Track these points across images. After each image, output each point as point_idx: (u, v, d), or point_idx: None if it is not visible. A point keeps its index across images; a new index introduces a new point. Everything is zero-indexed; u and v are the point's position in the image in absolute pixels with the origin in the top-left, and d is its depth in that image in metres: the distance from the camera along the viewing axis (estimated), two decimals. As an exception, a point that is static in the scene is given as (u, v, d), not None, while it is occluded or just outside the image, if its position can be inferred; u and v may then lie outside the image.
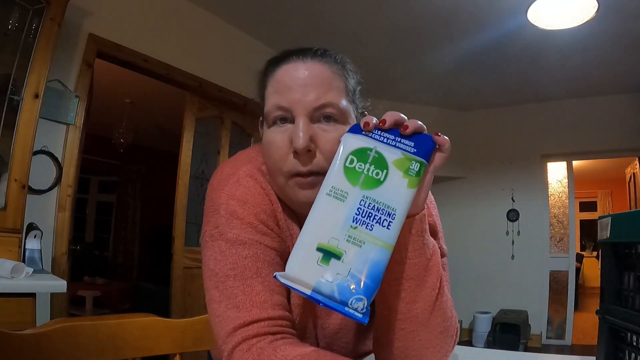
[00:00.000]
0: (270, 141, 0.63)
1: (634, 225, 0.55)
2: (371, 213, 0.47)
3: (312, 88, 0.62)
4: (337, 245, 0.46)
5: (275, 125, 0.63)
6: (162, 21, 2.74)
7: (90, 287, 4.46)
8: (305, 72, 0.63)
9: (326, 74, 0.64)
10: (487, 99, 4.64)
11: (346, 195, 0.48)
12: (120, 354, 0.61)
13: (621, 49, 3.29)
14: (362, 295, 0.45)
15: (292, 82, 0.62)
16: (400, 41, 3.41)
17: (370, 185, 0.48)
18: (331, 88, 0.63)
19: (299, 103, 0.61)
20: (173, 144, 3.25)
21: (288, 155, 0.61)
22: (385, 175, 0.49)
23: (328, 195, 0.48)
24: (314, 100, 0.61)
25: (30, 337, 0.54)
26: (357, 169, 0.49)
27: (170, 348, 0.67)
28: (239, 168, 0.67)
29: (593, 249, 8.34)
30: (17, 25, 1.80)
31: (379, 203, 0.48)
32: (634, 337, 0.54)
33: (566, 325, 4.40)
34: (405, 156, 0.50)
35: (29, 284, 1.48)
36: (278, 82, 0.63)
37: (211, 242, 0.62)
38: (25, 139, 1.76)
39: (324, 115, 0.62)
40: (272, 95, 0.63)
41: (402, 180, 0.49)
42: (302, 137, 0.59)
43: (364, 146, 0.50)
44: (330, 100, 0.62)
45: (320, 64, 0.65)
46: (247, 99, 3.14)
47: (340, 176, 0.49)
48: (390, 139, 0.51)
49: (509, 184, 4.70)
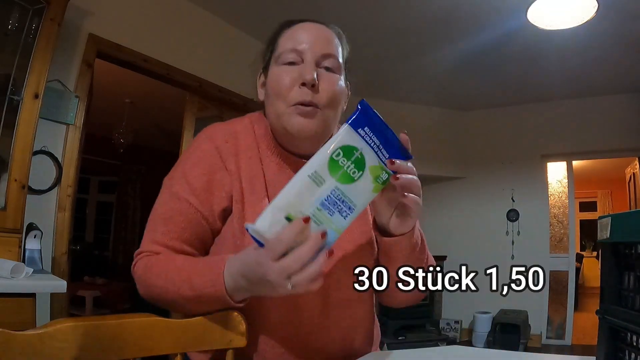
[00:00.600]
0: (280, 74, 0.75)
1: (634, 225, 0.55)
2: (336, 203, 0.56)
3: (321, 40, 0.77)
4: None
5: (285, 65, 0.76)
6: (162, 21, 2.74)
7: (90, 287, 4.47)
8: (317, 29, 0.79)
9: (332, 36, 0.79)
10: (487, 99, 4.64)
11: (323, 182, 0.56)
12: (121, 354, 0.61)
13: (621, 49, 3.29)
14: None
15: (307, 33, 0.77)
16: (400, 41, 3.41)
17: (345, 180, 0.57)
18: (334, 46, 0.78)
19: (311, 49, 0.75)
20: (173, 144, 3.25)
21: (294, 87, 0.74)
22: (360, 176, 0.57)
23: (309, 177, 0.55)
24: (322, 49, 0.76)
25: (33, 337, 0.54)
26: (340, 163, 0.56)
27: (171, 348, 0.67)
28: (209, 129, 0.82)
29: (593, 249, 8.34)
30: (17, 25, 1.80)
31: (346, 197, 0.57)
32: (634, 337, 0.54)
33: (566, 325, 4.40)
34: (380, 165, 0.59)
35: (29, 284, 1.47)
36: (294, 32, 0.78)
37: (164, 188, 0.79)
38: (25, 139, 1.75)
39: (326, 66, 0.76)
40: (288, 40, 0.77)
41: (370, 185, 0.58)
42: (310, 72, 0.73)
43: (353, 145, 0.57)
44: (334, 52, 0.77)
45: (328, 28, 0.80)
46: (247, 99, 3.13)
47: (324, 164, 0.56)
48: (375, 145, 0.58)
49: (509, 184, 4.70)
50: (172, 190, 0.76)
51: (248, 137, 0.80)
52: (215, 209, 0.76)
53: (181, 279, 0.67)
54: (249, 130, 0.81)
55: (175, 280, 0.67)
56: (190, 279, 0.66)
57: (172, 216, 0.75)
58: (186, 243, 0.75)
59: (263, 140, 0.81)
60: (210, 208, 0.75)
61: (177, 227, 0.74)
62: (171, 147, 3.72)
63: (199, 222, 0.75)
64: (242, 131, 0.81)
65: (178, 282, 0.67)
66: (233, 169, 0.76)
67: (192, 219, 0.74)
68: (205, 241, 0.78)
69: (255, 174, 0.77)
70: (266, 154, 0.80)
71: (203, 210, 0.75)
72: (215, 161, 0.77)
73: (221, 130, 0.81)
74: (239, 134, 0.80)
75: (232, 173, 0.76)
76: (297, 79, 0.73)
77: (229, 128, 0.81)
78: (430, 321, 4.41)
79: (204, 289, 0.64)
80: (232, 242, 0.75)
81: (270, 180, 0.78)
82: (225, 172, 0.76)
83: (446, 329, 4.74)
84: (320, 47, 0.76)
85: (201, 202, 0.75)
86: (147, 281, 0.72)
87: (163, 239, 0.74)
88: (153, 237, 0.75)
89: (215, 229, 0.77)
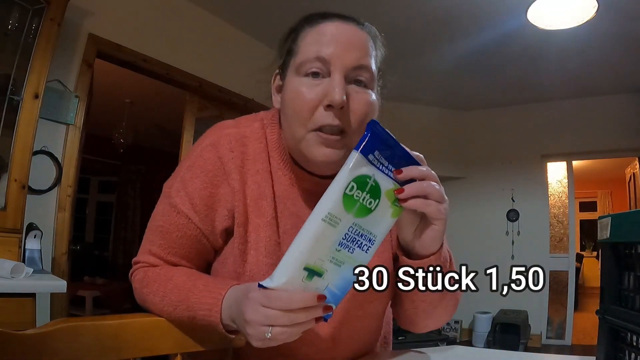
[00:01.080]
0: (299, 91, 0.63)
1: (634, 225, 0.55)
2: (355, 238, 0.51)
3: (354, 48, 0.63)
4: (322, 265, 0.50)
5: (308, 77, 0.63)
6: (162, 21, 2.74)
7: (90, 287, 4.46)
8: (349, 31, 0.64)
9: (365, 39, 0.66)
10: (487, 99, 4.64)
11: (339, 222, 0.50)
12: (121, 354, 0.61)
13: (621, 49, 3.29)
14: (332, 304, 0.52)
15: (336, 37, 0.63)
16: (400, 41, 3.40)
17: (362, 213, 0.51)
18: (368, 54, 0.65)
19: (340, 58, 0.61)
20: (173, 144, 3.25)
21: (317, 109, 0.62)
22: (377, 205, 0.52)
23: (323, 221, 0.49)
24: (354, 60, 0.62)
25: (33, 337, 0.54)
26: (355, 197, 0.51)
27: (172, 348, 0.67)
28: (215, 133, 0.71)
29: (593, 249, 8.33)
30: (17, 25, 1.80)
31: (364, 230, 0.52)
32: (634, 337, 0.54)
33: (566, 325, 4.40)
34: (396, 186, 0.53)
35: (29, 284, 1.47)
36: (321, 34, 0.64)
37: (163, 197, 0.72)
38: (25, 139, 1.76)
39: (357, 79, 0.63)
40: (312, 45, 0.63)
41: (388, 210, 0.53)
42: (339, 91, 0.59)
43: (366, 173, 0.51)
44: (368, 64, 0.64)
45: (360, 29, 0.66)
46: (247, 99, 3.13)
47: (338, 203, 0.50)
48: (386, 168, 0.53)
49: (509, 184, 4.70)
50: (171, 201, 0.70)
51: (258, 143, 0.71)
52: (217, 227, 0.69)
53: (178, 298, 0.64)
54: (259, 135, 0.71)
55: (173, 300, 0.65)
56: (188, 298, 0.63)
57: (170, 230, 0.69)
58: (184, 259, 0.71)
59: (275, 148, 0.71)
60: (212, 225, 0.69)
61: (174, 243, 0.70)
62: (171, 147, 3.72)
63: (198, 239, 0.70)
64: (252, 136, 0.71)
65: (175, 302, 0.64)
66: (237, 187, 0.68)
67: (191, 235, 0.69)
68: (205, 256, 0.73)
69: (263, 191, 0.69)
70: (278, 165, 0.71)
71: (204, 228, 0.69)
72: (217, 173, 0.68)
73: (227, 135, 0.70)
74: (248, 140, 0.70)
75: (236, 191, 0.68)
76: (321, 98, 0.61)
77: (236, 132, 0.71)
78: (430, 321, 4.41)
79: (199, 310, 0.61)
80: (233, 269, 0.69)
81: (280, 197, 0.70)
82: (228, 188, 0.68)
83: (446, 329, 4.74)
84: (352, 58, 0.62)
85: (201, 219, 0.68)
86: (143, 296, 0.70)
87: (160, 252, 0.70)
88: (150, 248, 0.72)
89: (217, 246, 0.72)
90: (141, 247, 0.74)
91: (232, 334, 0.61)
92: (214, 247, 0.72)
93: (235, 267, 0.69)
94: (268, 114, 0.75)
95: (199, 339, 0.68)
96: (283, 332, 0.50)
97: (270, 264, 0.67)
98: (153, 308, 0.68)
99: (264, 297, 0.50)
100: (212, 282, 0.64)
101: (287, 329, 0.50)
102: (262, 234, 0.68)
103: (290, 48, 0.68)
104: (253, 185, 0.69)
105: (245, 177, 0.69)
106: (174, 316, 0.65)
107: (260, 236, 0.68)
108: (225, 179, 0.68)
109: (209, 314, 0.60)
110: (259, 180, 0.69)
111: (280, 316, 0.49)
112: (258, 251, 0.67)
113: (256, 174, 0.69)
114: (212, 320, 0.60)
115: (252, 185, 0.69)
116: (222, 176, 0.68)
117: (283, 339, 0.51)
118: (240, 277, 0.68)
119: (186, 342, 0.67)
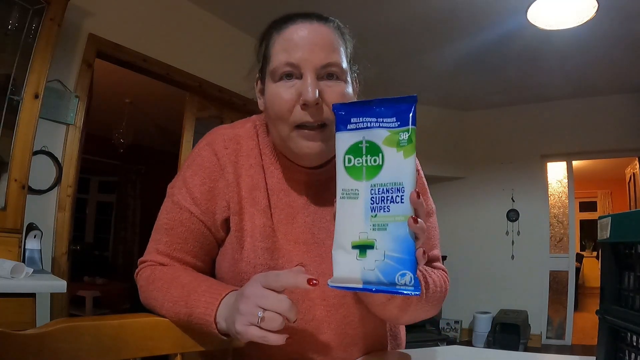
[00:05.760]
0: (277, 94, 0.68)
1: (634, 225, 0.55)
2: (383, 196, 0.51)
3: (319, 48, 0.67)
4: (367, 236, 0.50)
5: (282, 81, 0.68)
6: (162, 21, 2.74)
7: (90, 287, 4.46)
8: (312, 32, 0.68)
9: (331, 36, 0.69)
10: (487, 99, 4.64)
11: (357, 192, 0.51)
12: (121, 355, 0.61)
13: (621, 49, 3.29)
14: (404, 270, 0.49)
15: (301, 41, 0.67)
16: (400, 41, 3.41)
17: (373, 173, 0.51)
18: (335, 49, 0.68)
19: (308, 61, 0.66)
20: (173, 144, 3.25)
21: (294, 108, 0.67)
22: (382, 158, 0.51)
23: (342, 199, 0.52)
24: (322, 59, 0.66)
25: (33, 337, 0.54)
26: (356, 164, 0.52)
27: (172, 348, 0.67)
28: (211, 135, 0.78)
29: (593, 249, 8.34)
30: (17, 25, 1.80)
31: (386, 185, 0.51)
32: (634, 337, 0.54)
33: (566, 325, 4.40)
34: (392, 132, 0.52)
35: (29, 284, 1.47)
36: (287, 40, 0.68)
37: (167, 197, 0.77)
38: (25, 139, 1.76)
39: (328, 74, 0.67)
40: (281, 53, 0.68)
41: (398, 154, 0.51)
42: (312, 91, 0.64)
43: (355, 141, 0.53)
44: (335, 60, 0.68)
45: (325, 26, 0.70)
46: (247, 99, 3.13)
47: (345, 177, 0.52)
48: (374, 122, 0.53)
49: (509, 184, 4.70)
50: (174, 199, 0.75)
51: (250, 141, 0.77)
52: (218, 219, 0.74)
53: (180, 295, 0.66)
54: (252, 134, 0.78)
55: (174, 296, 0.66)
56: (188, 296, 0.65)
57: (174, 226, 0.73)
58: (190, 254, 0.74)
59: (267, 146, 0.77)
60: (213, 218, 0.74)
61: (179, 238, 0.73)
62: (171, 147, 3.72)
63: (201, 232, 0.74)
64: (245, 135, 0.77)
65: (176, 297, 0.66)
66: (231, 179, 0.74)
67: (194, 229, 0.73)
68: (209, 251, 0.76)
69: (256, 183, 0.74)
70: (270, 160, 0.77)
71: (205, 220, 0.73)
72: (214, 169, 0.74)
73: (222, 135, 0.77)
74: (241, 139, 0.77)
75: (230, 183, 0.74)
76: (297, 98, 0.66)
77: (230, 132, 0.78)
78: (430, 321, 4.41)
79: (196, 308, 0.62)
80: (231, 256, 0.73)
81: (273, 190, 0.75)
82: (225, 182, 0.74)
83: (446, 329, 4.74)
84: (320, 57, 0.66)
85: (203, 212, 0.73)
86: (148, 292, 0.72)
87: (166, 249, 0.74)
88: (157, 247, 0.75)
89: (219, 237, 0.76)
90: (148, 247, 0.77)
91: (223, 336, 0.61)
92: (217, 239, 0.76)
93: (233, 254, 0.73)
94: (260, 116, 0.81)
95: (198, 339, 0.68)
96: (272, 317, 0.53)
97: (265, 248, 0.71)
98: (155, 303, 0.69)
99: (261, 288, 0.55)
100: (215, 285, 0.66)
101: (277, 315, 0.53)
102: (257, 221, 0.73)
103: (265, 54, 0.73)
104: (247, 177, 0.74)
105: (239, 170, 0.75)
106: (172, 312, 0.66)
107: (255, 223, 0.72)
108: (222, 173, 0.74)
109: (205, 312, 0.61)
110: (252, 174, 0.75)
111: (273, 297, 0.53)
112: (254, 237, 0.72)
113: (250, 168, 0.75)
114: (206, 319, 0.61)
115: (246, 178, 0.74)
116: (219, 171, 0.74)
117: (270, 326, 0.53)
118: (237, 262, 0.72)
119: (186, 342, 0.68)
